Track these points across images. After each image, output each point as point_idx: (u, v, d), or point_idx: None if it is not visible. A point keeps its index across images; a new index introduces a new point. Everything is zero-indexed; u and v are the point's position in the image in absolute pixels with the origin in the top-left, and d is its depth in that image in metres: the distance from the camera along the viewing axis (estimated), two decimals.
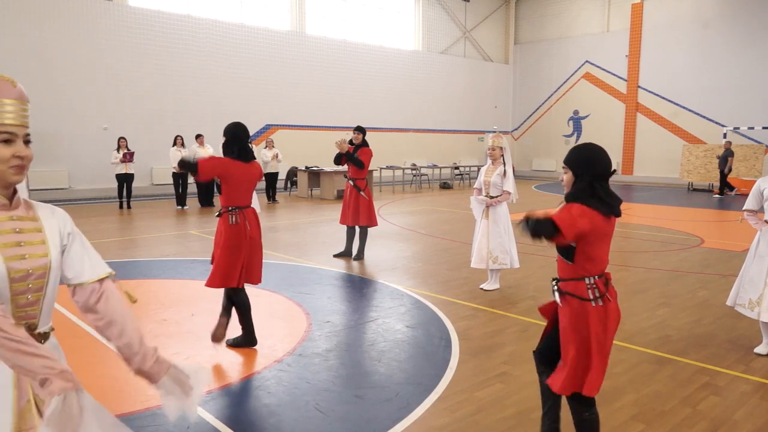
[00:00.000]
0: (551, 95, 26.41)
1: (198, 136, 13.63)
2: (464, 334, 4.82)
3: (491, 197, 6.09)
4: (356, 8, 21.32)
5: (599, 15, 24.70)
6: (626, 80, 23.70)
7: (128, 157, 12.74)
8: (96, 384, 3.66)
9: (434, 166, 21.26)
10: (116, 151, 12.77)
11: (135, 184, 13.39)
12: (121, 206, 13.10)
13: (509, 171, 6.11)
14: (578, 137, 25.59)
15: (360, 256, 7.78)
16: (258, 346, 4.47)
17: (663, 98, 22.65)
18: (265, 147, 14.67)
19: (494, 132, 6.68)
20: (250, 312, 4.44)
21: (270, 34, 18.56)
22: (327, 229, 10.37)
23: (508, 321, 5.22)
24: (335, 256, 7.93)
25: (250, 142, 4.35)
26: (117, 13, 15.43)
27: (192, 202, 14.07)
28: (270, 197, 14.86)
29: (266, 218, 11.60)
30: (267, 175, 14.56)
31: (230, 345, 4.47)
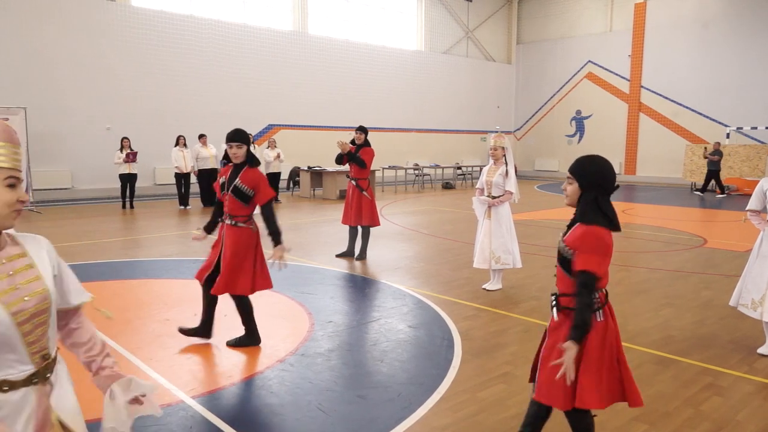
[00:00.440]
0: (554, 95, 26.39)
1: (201, 136, 13.64)
2: (467, 335, 4.82)
3: (493, 197, 6.09)
4: (359, 8, 21.32)
5: (602, 15, 24.67)
6: (629, 80, 23.66)
7: (131, 157, 12.75)
8: None
9: (436, 166, 21.25)
10: (119, 151, 12.78)
11: (138, 184, 13.40)
12: (124, 206, 13.12)
13: (511, 171, 6.11)
14: (581, 137, 25.56)
15: (362, 256, 7.78)
16: (260, 346, 4.48)
17: (666, 98, 22.61)
18: (268, 147, 14.68)
19: (496, 132, 6.67)
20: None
21: (272, 34, 18.57)
22: (329, 229, 10.37)
23: (511, 321, 5.22)
24: (338, 256, 7.93)
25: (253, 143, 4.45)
26: (120, 13, 15.46)
27: (194, 202, 14.08)
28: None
29: None
30: (270, 175, 14.54)
31: (231, 345, 4.48)
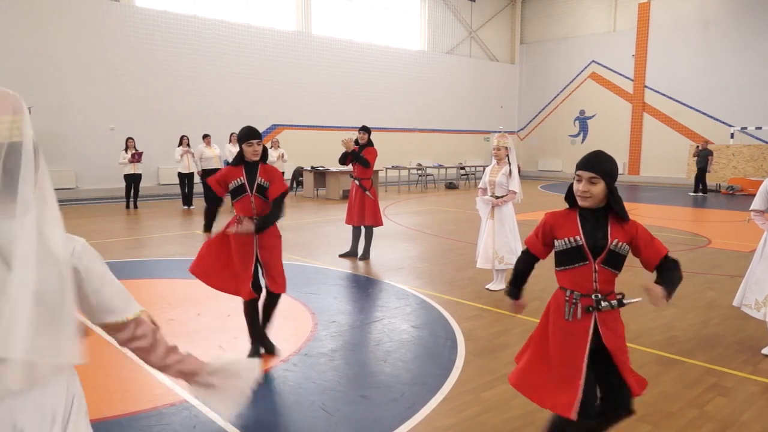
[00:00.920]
0: (557, 95, 26.35)
1: (205, 136, 13.66)
2: (470, 335, 4.81)
3: (497, 197, 6.09)
4: (362, 8, 21.33)
5: (605, 15, 24.62)
6: (633, 80, 23.61)
7: (136, 158, 12.78)
8: (103, 383, 3.67)
9: (440, 166, 21.25)
10: (124, 152, 12.81)
11: (141, 184, 13.44)
12: (128, 206, 13.15)
13: (515, 171, 6.10)
14: (584, 137, 25.52)
15: (365, 256, 7.78)
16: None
17: (670, 98, 22.55)
18: (271, 147, 14.69)
19: (500, 132, 6.66)
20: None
21: (276, 35, 18.60)
22: (332, 229, 10.37)
23: (514, 321, 5.21)
24: (341, 256, 7.94)
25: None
26: (123, 14, 15.50)
27: (198, 202, 14.10)
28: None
29: None
30: None
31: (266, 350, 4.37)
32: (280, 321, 5.12)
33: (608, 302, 2.47)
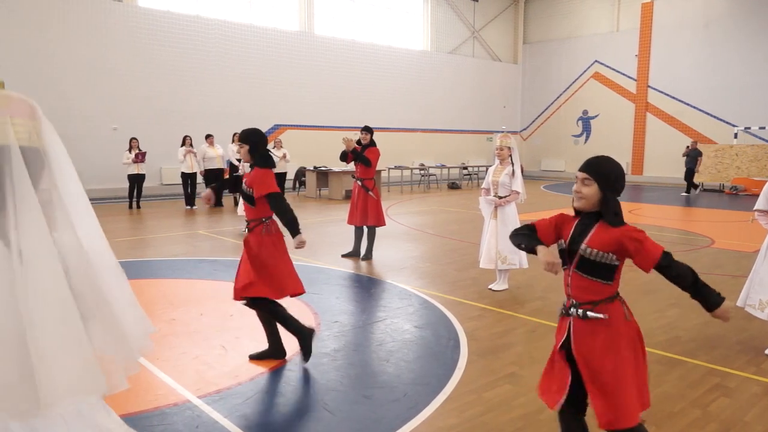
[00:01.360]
0: (560, 95, 26.31)
1: (208, 136, 13.69)
2: (472, 335, 4.81)
3: (500, 197, 6.08)
4: (365, 8, 21.33)
5: (608, 14, 24.58)
6: (636, 80, 23.56)
7: (140, 158, 12.80)
8: None
9: (442, 166, 21.24)
10: (128, 152, 12.83)
11: (144, 184, 13.46)
12: (131, 206, 13.17)
13: (518, 171, 6.10)
14: (587, 137, 25.48)
15: (368, 257, 7.78)
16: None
17: (673, 98, 22.50)
18: (274, 147, 14.70)
19: (502, 132, 6.66)
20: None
21: (279, 35, 18.61)
22: (335, 229, 10.38)
23: (517, 321, 5.21)
24: (343, 256, 7.94)
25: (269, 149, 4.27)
26: (126, 14, 15.52)
27: (200, 202, 14.12)
28: None
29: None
30: (276, 176, 14.54)
31: (253, 359, 4.25)
32: None
33: (576, 311, 2.44)
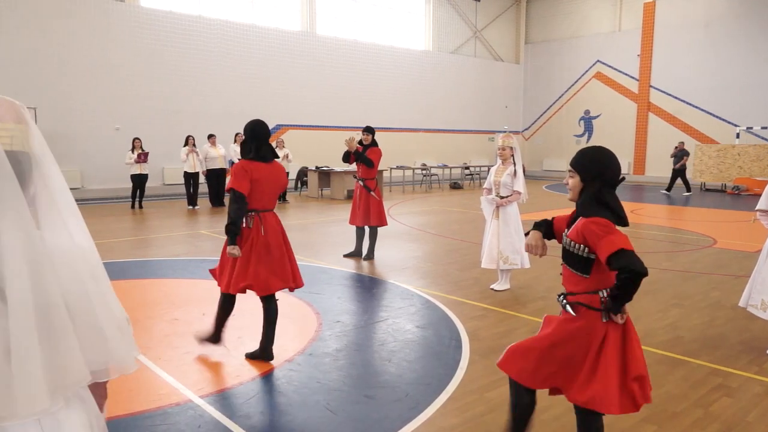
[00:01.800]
0: (562, 95, 26.29)
1: (210, 136, 13.70)
2: (474, 335, 4.81)
3: (502, 197, 6.09)
4: (367, 8, 21.34)
5: (610, 14, 24.55)
6: (638, 80, 23.53)
7: (143, 158, 12.81)
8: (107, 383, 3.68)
9: (444, 166, 21.23)
10: (131, 152, 12.84)
11: (147, 184, 13.47)
12: (133, 206, 13.19)
13: (519, 171, 6.10)
14: (589, 137, 25.46)
15: (370, 256, 7.78)
16: None
17: (675, 98, 22.48)
18: (276, 147, 14.73)
19: (504, 132, 6.66)
20: (226, 317, 4.27)
21: (281, 35, 18.62)
22: (337, 229, 10.38)
23: (519, 321, 5.21)
24: (345, 256, 7.94)
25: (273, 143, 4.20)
26: (128, 14, 15.55)
27: (203, 202, 14.14)
28: (280, 197, 14.91)
29: None
30: None
31: (249, 357, 4.27)
32: (285, 321, 5.13)
33: (561, 302, 2.53)
